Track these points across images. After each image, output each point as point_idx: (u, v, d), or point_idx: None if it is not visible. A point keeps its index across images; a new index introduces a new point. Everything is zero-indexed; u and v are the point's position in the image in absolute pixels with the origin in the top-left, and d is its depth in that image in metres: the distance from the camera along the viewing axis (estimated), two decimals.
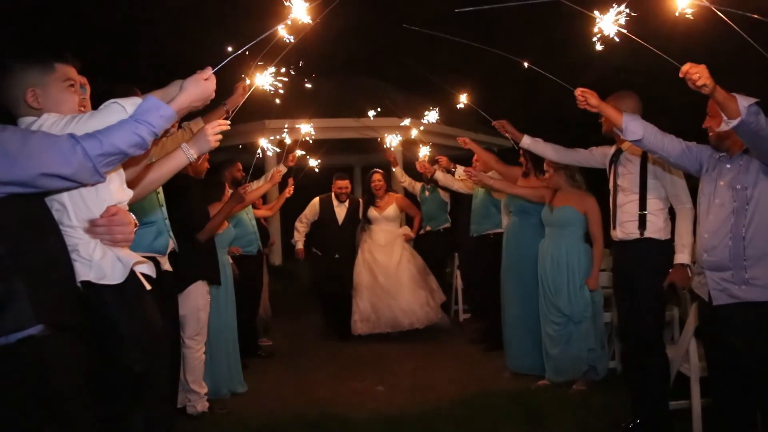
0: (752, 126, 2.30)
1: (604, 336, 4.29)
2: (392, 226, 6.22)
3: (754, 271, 2.54)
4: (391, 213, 6.18)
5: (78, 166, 1.66)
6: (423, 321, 5.87)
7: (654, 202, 3.34)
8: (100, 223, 1.88)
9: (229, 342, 4.23)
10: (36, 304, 1.61)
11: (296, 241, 6.22)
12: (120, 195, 1.98)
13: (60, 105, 1.90)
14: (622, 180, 3.43)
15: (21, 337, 1.59)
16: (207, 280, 3.81)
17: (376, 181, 6.17)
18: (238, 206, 4.19)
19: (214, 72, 2.05)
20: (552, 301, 4.16)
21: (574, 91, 2.87)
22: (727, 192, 2.64)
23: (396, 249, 6.10)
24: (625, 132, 2.78)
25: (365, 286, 5.96)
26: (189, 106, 1.94)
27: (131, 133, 1.73)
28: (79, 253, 1.85)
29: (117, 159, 1.75)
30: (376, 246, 6.11)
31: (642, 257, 3.34)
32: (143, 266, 2.04)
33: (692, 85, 2.26)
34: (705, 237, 2.71)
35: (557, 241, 4.17)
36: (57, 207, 1.85)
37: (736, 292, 2.59)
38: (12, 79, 1.86)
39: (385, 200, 6.17)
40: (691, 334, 3.31)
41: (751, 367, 2.59)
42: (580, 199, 4.13)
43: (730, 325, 2.62)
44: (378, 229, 6.17)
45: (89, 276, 1.86)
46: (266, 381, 4.67)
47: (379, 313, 5.86)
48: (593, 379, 4.17)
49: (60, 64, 1.92)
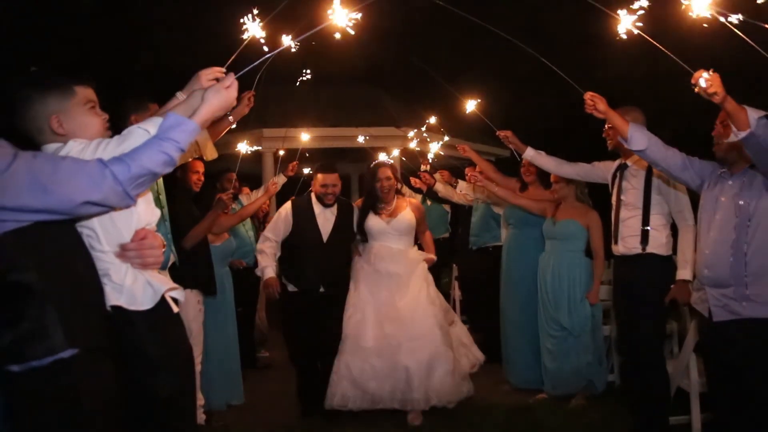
0: (761, 139, 2.30)
1: (603, 350, 4.28)
2: (405, 243, 4.18)
3: (755, 288, 2.54)
4: (404, 222, 4.13)
5: (108, 191, 1.65)
6: (449, 396, 3.84)
7: (657, 217, 3.34)
8: (130, 247, 1.88)
9: (229, 355, 4.20)
10: (67, 328, 1.62)
11: (263, 268, 4.00)
12: (148, 216, 1.98)
13: (85, 129, 1.88)
14: (626, 195, 3.43)
15: (53, 360, 1.60)
16: (199, 290, 3.78)
17: (383, 178, 4.13)
18: (233, 218, 4.18)
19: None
20: (552, 314, 4.16)
21: (584, 94, 2.83)
22: (729, 208, 2.64)
23: (414, 282, 4.03)
24: (630, 141, 2.78)
25: (360, 339, 3.89)
26: (212, 116, 1.92)
27: (158, 152, 1.72)
28: (111, 278, 1.86)
29: (147, 180, 1.74)
30: (379, 274, 4.05)
31: (644, 272, 3.34)
32: (173, 291, 2.04)
33: (703, 92, 2.26)
34: (706, 253, 2.71)
35: (559, 254, 4.17)
36: (87, 232, 1.85)
37: (736, 309, 2.58)
38: (33, 108, 1.83)
39: (395, 205, 4.21)
40: (691, 350, 3.30)
41: (751, 383, 2.58)
42: (583, 213, 4.14)
43: (731, 341, 2.62)
44: (383, 247, 4.11)
45: (120, 301, 1.86)
46: (264, 393, 4.64)
47: (382, 382, 3.81)
48: (592, 393, 4.16)
49: (79, 87, 1.90)
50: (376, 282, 4.03)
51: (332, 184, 4.06)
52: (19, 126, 1.85)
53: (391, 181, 4.16)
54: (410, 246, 4.23)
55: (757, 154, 2.43)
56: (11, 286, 1.59)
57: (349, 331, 3.94)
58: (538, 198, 4.48)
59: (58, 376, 1.61)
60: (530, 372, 4.48)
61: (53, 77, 1.87)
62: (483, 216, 5.40)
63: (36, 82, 1.86)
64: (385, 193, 4.13)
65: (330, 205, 4.08)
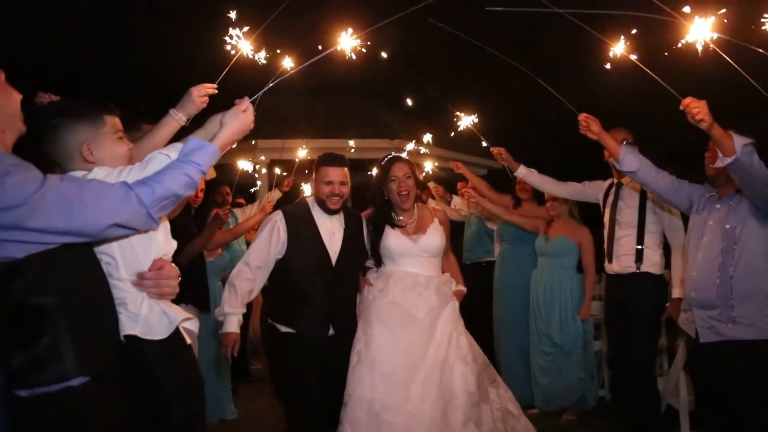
0: (746, 165, 2.36)
1: (594, 365, 4.32)
2: (434, 269, 3.15)
3: (740, 310, 2.59)
4: (435, 240, 3.12)
5: (132, 213, 1.68)
6: None
7: (651, 236, 3.40)
8: (148, 276, 1.90)
9: (220, 369, 4.21)
10: (79, 356, 1.62)
11: (225, 315, 2.82)
12: (166, 247, 2.00)
13: (113, 157, 1.92)
14: (621, 214, 3.48)
15: (61, 387, 1.60)
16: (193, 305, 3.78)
17: (401, 177, 3.10)
18: (227, 235, 4.19)
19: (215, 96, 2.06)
20: (543, 330, 4.20)
21: (578, 115, 2.90)
22: (716, 231, 2.69)
23: (441, 325, 2.98)
24: (622, 163, 2.85)
25: (370, 395, 2.81)
26: (232, 140, 1.95)
27: (181, 174, 1.76)
28: (127, 307, 1.87)
29: (170, 202, 1.77)
30: (402, 313, 2.98)
31: (638, 291, 3.40)
32: (187, 322, 2.05)
33: (691, 119, 2.32)
34: (693, 275, 2.76)
35: (551, 270, 4.22)
36: (107, 260, 1.86)
37: (722, 330, 2.63)
38: (64, 135, 1.87)
39: (417, 216, 3.18)
40: (680, 369, 3.35)
41: (738, 404, 2.62)
42: (575, 230, 4.20)
43: (717, 362, 2.66)
44: (407, 275, 3.07)
45: (135, 330, 1.87)
46: (257, 406, 4.64)
47: None
48: (583, 409, 4.19)
49: (108, 116, 1.94)
50: (397, 322, 2.93)
51: (340, 182, 2.95)
52: (47, 152, 1.89)
53: (411, 181, 3.10)
54: (439, 272, 3.16)
55: (742, 180, 2.49)
56: (29, 308, 1.59)
57: (355, 387, 2.84)
58: (532, 215, 4.52)
59: (65, 404, 1.61)
60: (522, 387, 4.48)
61: (85, 106, 1.91)
62: (476, 231, 5.43)
63: (68, 110, 1.89)
64: (403, 196, 3.08)
65: (335, 211, 3.00)
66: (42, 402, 1.60)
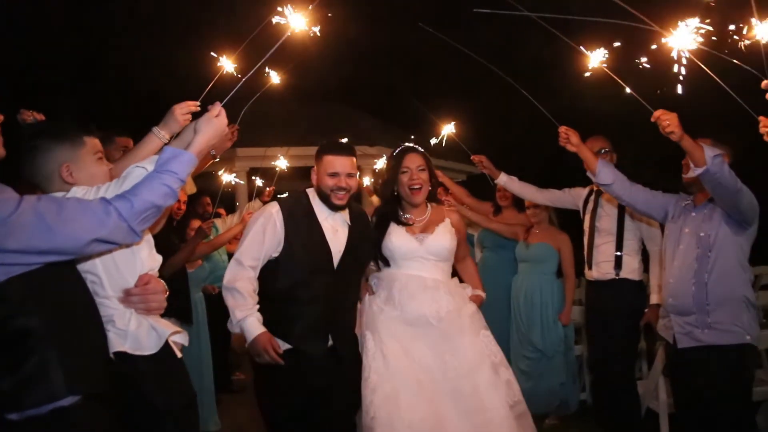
0: (716, 176, 2.43)
1: (575, 369, 4.37)
2: (443, 273, 2.83)
3: (716, 316, 2.66)
4: (444, 241, 2.79)
5: (113, 227, 1.67)
6: None
7: (630, 243, 3.47)
8: (135, 292, 1.89)
9: (203, 380, 4.17)
10: (68, 375, 1.61)
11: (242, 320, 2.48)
12: (150, 262, 1.99)
13: (93, 178, 1.91)
14: (600, 221, 3.55)
15: (51, 408, 1.58)
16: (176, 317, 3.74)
17: (414, 168, 2.81)
18: (207, 247, 4.15)
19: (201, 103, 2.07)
20: (525, 335, 4.23)
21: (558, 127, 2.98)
22: (691, 239, 2.76)
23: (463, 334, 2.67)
24: (598, 176, 2.93)
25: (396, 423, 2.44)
26: (207, 146, 1.95)
27: (159, 184, 1.76)
28: (115, 324, 1.86)
29: (151, 214, 1.77)
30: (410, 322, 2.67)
31: (617, 297, 3.46)
32: (176, 335, 2.04)
33: (662, 130, 2.39)
34: (670, 282, 2.82)
35: (531, 276, 4.26)
36: (91, 278, 1.85)
37: (699, 336, 2.70)
38: (43, 156, 1.85)
39: (429, 215, 2.87)
40: (659, 373, 3.41)
41: (715, 407, 2.69)
42: (554, 236, 4.25)
43: (694, 367, 2.73)
44: (413, 279, 2.75)
45: (125, 346, 1.86)
46: (240, 417, 4.60)
47: None
48: (565, 413, 4.24)
49: (88, 138, 1.93)
50: (407, 332, 2.64)
51: (347, 174, 2.60)
52: (26, 174, 1.87)
53: (425, 174, 2.80)
54: (449, 277, 2.84)
55: (714, 189, 2.56)
56: (14, 331, 1.58)
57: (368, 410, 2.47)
58: (512, 222, 4.56)
59: (56, 425, 1.59)
60: None
61: (63, 127, 1.90)
62: None
63: (47, 131, 1.88)
64: (414, 190, 2.77)
65: (341, 207, 2.64)
66: (32, 425, 1.58)
